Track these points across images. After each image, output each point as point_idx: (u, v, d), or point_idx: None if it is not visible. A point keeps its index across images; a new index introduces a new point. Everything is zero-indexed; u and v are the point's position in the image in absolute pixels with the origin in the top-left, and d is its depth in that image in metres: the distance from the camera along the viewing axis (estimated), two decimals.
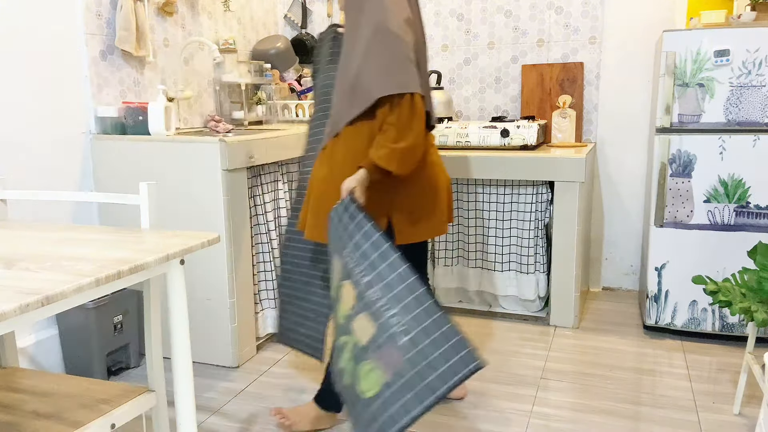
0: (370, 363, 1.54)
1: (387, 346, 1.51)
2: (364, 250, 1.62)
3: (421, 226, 1.96)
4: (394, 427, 1.46)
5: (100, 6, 2.58)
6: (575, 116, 3.31)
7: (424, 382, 1.46)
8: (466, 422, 2.14)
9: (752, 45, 2.51)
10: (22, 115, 2.32)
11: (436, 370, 1.45)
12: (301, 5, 3.81)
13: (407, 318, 1.50)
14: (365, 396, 1.55)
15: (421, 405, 1.44)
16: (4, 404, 1.46)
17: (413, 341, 1.48)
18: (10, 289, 1.09)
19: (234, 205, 2.47)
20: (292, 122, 3.47)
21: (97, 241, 1.45)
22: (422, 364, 1.46)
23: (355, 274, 1.64)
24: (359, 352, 1.58)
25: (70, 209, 2.53)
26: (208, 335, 2.57)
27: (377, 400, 1.51)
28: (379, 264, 1.58)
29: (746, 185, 2.60)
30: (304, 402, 2.28)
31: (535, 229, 2.98)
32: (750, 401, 2.25)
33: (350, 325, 1.62)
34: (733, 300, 2.00)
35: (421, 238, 1.96)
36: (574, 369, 2.52)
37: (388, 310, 1.53)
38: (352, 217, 1.69)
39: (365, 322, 1.58)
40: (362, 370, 1.56)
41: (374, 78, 1.79)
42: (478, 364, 1.44)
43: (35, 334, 2.41)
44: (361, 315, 1.59)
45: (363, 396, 1.55)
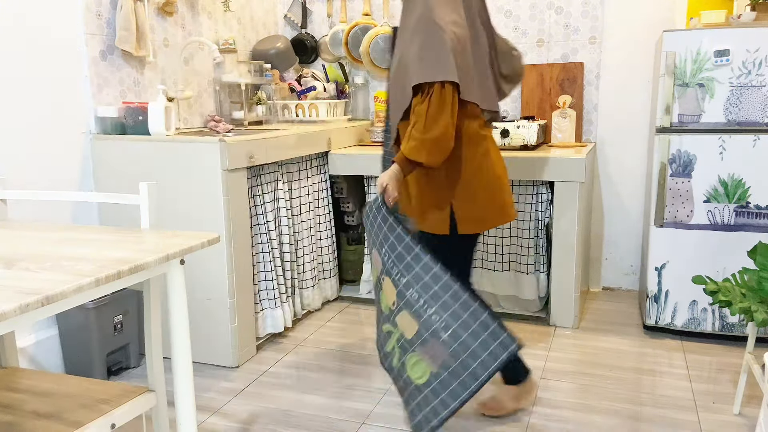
0: (417, 355, 1.72)
1: (431, 342, 1.69)
2: (399, 253, 1.78)
3: (483, 216, 1.98)
4: (446, 411, 1.68)
5: (100, 6, 2.58)
6: (575, 116, 3.31)
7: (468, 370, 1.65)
8: (466, 422, 2.14)
9: (752, 45, 2.51)
10: (22, 115, 2.32)
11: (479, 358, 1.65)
12: (301, 5, 3.81)
13: (446, 314, 1.68)
14: (416, 383, 1.73)
15: (467, 391, 1.67)
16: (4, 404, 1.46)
17: (454, 335, 1.66)
18: (10, 289, 1.09)
19: (234, 205, 2.47)
20: (292, 122, 3.47)
21: (97, 241, 1.45)
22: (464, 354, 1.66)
23: (394, 273, 1.80)
24: (405, 343, 1.75)
25: (70, 209, 2.53)
26: (208, 335, 2.57)
27: (427, 387, 1.71)
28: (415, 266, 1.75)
29: (746, 185, 2.60)
30: (304, 402, 2.29)
31: (535, 229, 2.98)
32: (750, 401, 2.25)
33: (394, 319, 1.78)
34: (733, 300, 2.00)
35: (483, 228, 1.99)
36: (574, 369, 2.52)
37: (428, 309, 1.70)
38: (385, 219, 1.83)
39: (408, 319, 1.75)
40: (410, 361, 1.74)
41: (411, 69, 1.84)
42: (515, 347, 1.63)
43: (35, 334, 2.41)
44: (404, 312, 1.76)
45: (413, 382, 1.74)
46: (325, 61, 3.82)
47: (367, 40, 3.53)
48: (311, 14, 3.84)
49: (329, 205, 3.23)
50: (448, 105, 1.82)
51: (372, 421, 2.16)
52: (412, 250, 1.77)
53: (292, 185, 2.92)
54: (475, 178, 1.96)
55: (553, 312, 2.95)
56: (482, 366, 1.67)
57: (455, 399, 1.68)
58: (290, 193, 2.91)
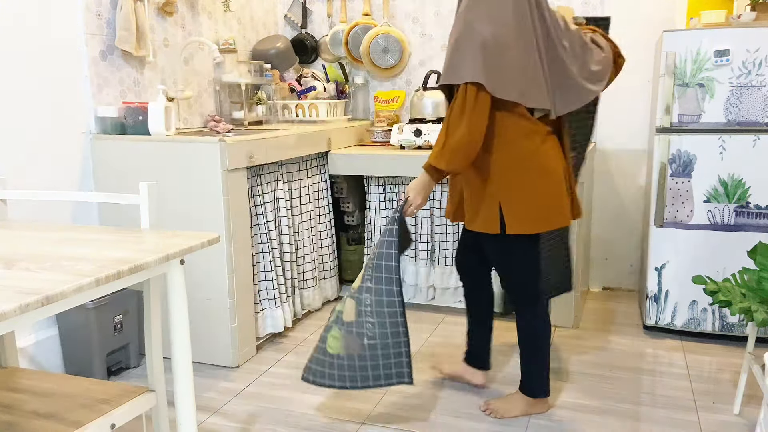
0: (340, 333, 2.02)
1: (355, 336, 1.99)
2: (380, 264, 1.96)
3: (533, 217, 1.93)
4: (326, 382, 2.04)
5: (100, 6, 2.58)
6: None
7: (363, 372, 2.00)
8: (467, 422, 2.14)
9: (752, 45, 2.51)
10: (22, 115, 2.32)
11: (376, 371, 2.00)
12: (301, 5, 3.81)
13: (377, 330, 1.97)
14: (327, 348, 2.05)
15: (352, 384, 2.02)
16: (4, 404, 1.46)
17: (372, 347, 1.98)
18: (10, 289, 1.09)
19: (234, 205, 2.47)
20: (292, 122, 3.47)
21: (97, 241, 1.45)
22: (368, 363, 1.99)
23: (366, 272, 2.00)
24: (340, 319, 2.03)
25: (70, 209, 2.53)
26: (208, 335, 2.57)
27: (331, 358, 2.03)
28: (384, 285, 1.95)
29: (746, 185, 2.60)
30: (304, 402, 2.29)
31: None
32: (750, 401, 2.25)
33: (346, 299, 2.04)
34: (733, 300, 2.00)
35: (533, 230, 1.94)
36: (574, 369, 2.52)
37: (368, 317, 1.97)
38: (391, 221, 1.97)
39: (352, 309, 2.01)
40: (333, 332, 2.04)
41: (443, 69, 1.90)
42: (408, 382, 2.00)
43: (35, 334, 2.41)
44: (353, 301, 2.01)
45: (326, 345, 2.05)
46: (325, 61, 3.82)
47: (367, 40, 3.53)
48: (311, 14, 3.84)
49: (329, 205, 3.23)
50: (469, 106, 1.82)
51: (372, 421, 2.16)
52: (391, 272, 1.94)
53: (292, 185, 2.92)
54: (522, 177, 1.92)
55: (553, 312, 2.95)
56: (375, 378, 2.01)
57: (341, 382, 2.02)
58: (290, 193, 2.91)
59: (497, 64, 1.83)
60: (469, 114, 1.82)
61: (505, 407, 2.17)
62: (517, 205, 1.92)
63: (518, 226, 1.93)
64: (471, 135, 1.83)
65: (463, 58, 1.83)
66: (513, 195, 1.92)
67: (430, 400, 2.29)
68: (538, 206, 1.93)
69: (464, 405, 2.26)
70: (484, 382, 2.35)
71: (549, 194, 1.94)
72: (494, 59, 1.82)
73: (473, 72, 1.80)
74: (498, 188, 1.93)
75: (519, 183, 1.92)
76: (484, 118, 1.83)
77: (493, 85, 1.83)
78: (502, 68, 1.84)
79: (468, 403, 2.26)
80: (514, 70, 1.86)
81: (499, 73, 1.83)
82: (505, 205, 1.93)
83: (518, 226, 1.93)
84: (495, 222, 1.95)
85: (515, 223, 1.93)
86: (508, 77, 1.85)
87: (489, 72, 1.81)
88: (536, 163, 1.92)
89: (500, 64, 1.83)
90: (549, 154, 1.95)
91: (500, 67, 1.83)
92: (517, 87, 1.87)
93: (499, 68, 1.83)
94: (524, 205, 1.92)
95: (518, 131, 1.92)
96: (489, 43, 1.82)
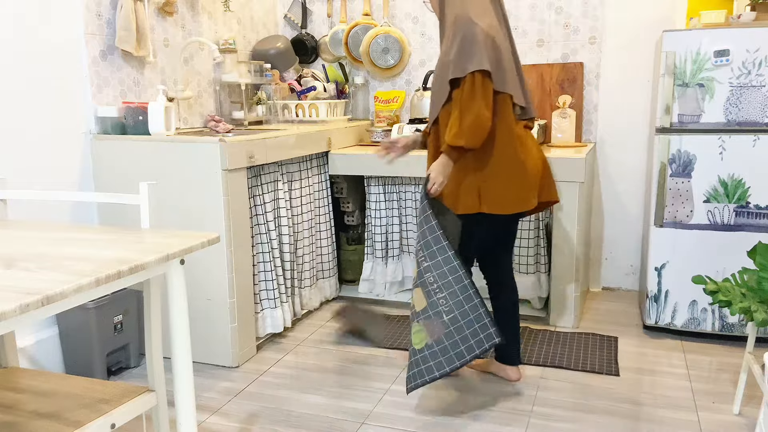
0: (420, 325, 2.10)
1: (434, 319, 2.07)
2: (428, 240, 2.09)
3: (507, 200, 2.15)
4: (429, 377, 2.08)
5: (100, 6, 2.58)
6: (575, 116, 3.31)
7: (456, 350, 2.05)
8: (467, 422, 2.14)
9: (752, 45, 2.51)
10: (22, 115, 2.32)
11: (467, 342, 2.05)
12: (301, 5, 3.81)
13: (451, 302, 2.05)
14: (414, 346, 2.11)
15: (452, 365, 2.06)
16: (4, 404, 1.46)
17: (453, 320, 2.05)
18: (10, 289, 1.09)
19: (234, 205, 2.47)
20: (292, 122, 3.47)
21: (97, 241, 1.45)
22: (456, 337, 2.05)
23: (419, 256, 2.11)
24: (414, 313, 2.12)
25: (70, 209, 2.53)
26: (208, 335, 2.57)
27: (421, 353, 2.09)
28: (438, 256, 2.07)
29: (746, 185, 2.60)
30: (304, 402, 2.29)
31: (535, 229, 2.98)
32: (750, 401, 2.25)
33: (412, 293, 2.14)
34: (733, 300, 2.00)
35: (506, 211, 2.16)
36: (574, 369, 2.52)
37: (439, 293, 2.07)
38: (424, 209, 2.11)
39: (420, 295, 2.11)
40: (414, 328, 2.12)
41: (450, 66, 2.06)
42: (495, 342, 2.05)
43: (35, 334, 2.41)
44: (419, 288, 2.11)
45: (413, 345, 2.11)
46: (325, 61, 3.82)
47: (367, 40, 3.53)
48: (311, 14, 3.84)
49: (329, 205, 3.23)
50: (479, 91, 2.02)
51: (372, 421, 2.16)
52: (440, 242, 2.07)
53: (292, 185, 2.92)
54: (501, 164, 2.13)
55: (553, 312, 2.95)
56: (468, 349, 2.05)
57: (440, 369, 2.07)
58: (290, 193, 2.91)
59: (495, 58, 2.05)
60: (479, 96, 2.02)
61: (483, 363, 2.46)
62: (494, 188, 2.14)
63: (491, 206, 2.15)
64: (482, 113, 2.02)
65: (469, 51, 2.03)
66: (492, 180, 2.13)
67: (431, 400, 2.29)
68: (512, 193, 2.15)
69: (464, 405, 2.26)
70: (517, 377, 2.42)
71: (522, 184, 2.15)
72: (492, 53, 2.04)
73: (479, 62, 2.00)
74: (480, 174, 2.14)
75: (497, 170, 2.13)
76: (491, 102, 2.04)
77: (495, 77, 2.05)
78: (498, 63, 2.06)
79: (468, 403, 2.27)
80: (504, 66, 2.09)
81: (496, 66, 2.06)
82: (483, 190, 2.14)
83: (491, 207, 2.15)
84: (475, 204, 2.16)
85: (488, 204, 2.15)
86: (503, 72, 2.08)
87: (491, 64, 2.03)
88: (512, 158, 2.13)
89: (496, 59, 2.06)
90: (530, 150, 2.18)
91: (497, 62, 2.06)
92: (508, 82, 2.10)
93: (496, 62, 2.06)
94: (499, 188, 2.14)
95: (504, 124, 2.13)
96: (488, 40, 2.04)
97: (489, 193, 2.14)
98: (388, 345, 2.75)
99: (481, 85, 2.01)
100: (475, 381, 2.43)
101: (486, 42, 2.02)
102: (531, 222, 2.97)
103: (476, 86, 2.01)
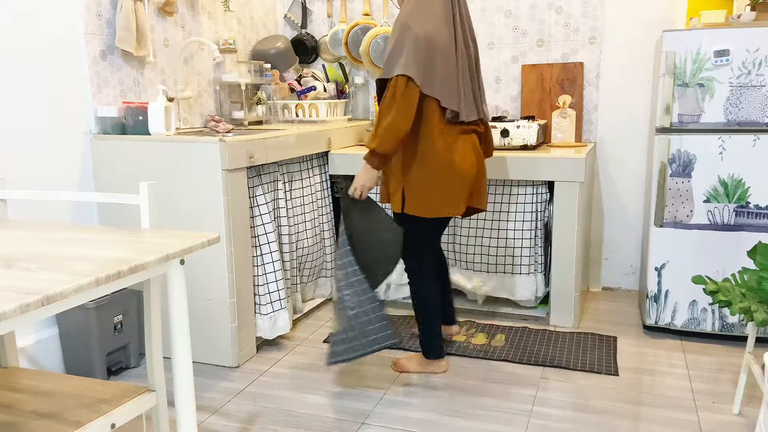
0: (335, 313, 2.33)
1: (341, 311, 2.28)
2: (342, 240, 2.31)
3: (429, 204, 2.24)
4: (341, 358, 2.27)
5: (100, 6, 2.58)
6: (575, 116, 3.31)
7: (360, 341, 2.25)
8: (467, 422, 2.14)
9: (752, 45, 2.51)
10: (22, 115, 2.32)
11: (367, 338, 2.25)
12: (301, 5, 3.81)
13: (356, 299, 2.26)
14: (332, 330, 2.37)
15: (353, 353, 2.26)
16: (4, 404, 1.46)
17: (356, 316, 2.25)
18: (10, 289, 1.09)
19: (234, 205, 2.47)
20: (291, 122, 3.47)
21: (97, 241, 1.45)
22: (360, 330, 2.25)
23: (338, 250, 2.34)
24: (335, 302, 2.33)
25: (70, 209, 2.53)
26: (208, 335, 2.57)
27: (335, 337, 2.29)
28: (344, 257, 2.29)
29: (746, 185, 2.60)
30: (304, 402, 2.29)
31: (534, 229, 2.98)
32: (750, 401, 2.25)
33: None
34: (733, 300, 2.00)
35: (429, 214, 2.25)
36: (574, 369, 2.52)
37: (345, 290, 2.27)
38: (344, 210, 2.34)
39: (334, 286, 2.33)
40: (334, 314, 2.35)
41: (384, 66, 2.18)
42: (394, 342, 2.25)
43: (35, 334, 2.42)
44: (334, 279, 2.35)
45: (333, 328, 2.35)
46: (325, 61, 3.82)
47: (367, 40, 3.53)
48: (311, 14, 3.84)
49: (329, 205, 3.23)
50: (398, 95, 2.10)
51: (372, 421, 2.16)
52: (345, 246, 2.30)
53: (292, 185, 2.92)
54: (425, 168, 2.21)
55: (553, 312, 2.95)
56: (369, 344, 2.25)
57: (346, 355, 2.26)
58: (290, 193, 2.91)
59: (426, 62, 2.12)
60: (398, 101, 2.09)
61: (406, 363, 2.51)
62: (416, 192, 2.23)
63: (413, 208, 2.25)
64: (399, 119, 2.10)
65: (398, 55, 2.11)
66: (414, 183, 2.23)
67: (430, 400, 2.29)
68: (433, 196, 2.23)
69: (464, 405, 2.26)
70: (455, 332, 2.78)
71: (449, 190, 2.23)
72: (424, 58, 2.11)
73: (405, 67, 2.08)
74: (405, 176, 2.25)
75: (420, 174, 2.22)
76: (412, 106, 2.11)
77: (422, 80, 2.12)
78: (429, 67, 2.13)
79: (468, 403, 2.27)
80: (438, 70, 2.15)
81: (426, 71, 2.12)
82: (407, 192, 2.25)
83: (413, 209, 2.25)
84: (399, 204, 2.29)
85: (411, 206, 2.25)
86: (433, 77, 2.14)
87: (419, 68, 2.10)
88: (440, 160, 2.20)
89: (428, 64, 2.12)
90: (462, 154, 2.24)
91: (428, 66, 2.12)
92: (440, 88, 2.16)
93: (427, 67, 2.12)
94: (422, 193, 2.23)
95: (431, 128, 2.20)
96: (421, 44, 2.10)
97: (412, 195, 2.24)
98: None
99: (403, 89, 2.08)
100: (475, 381, 2.43)
101: (416, 46, 2.08)
102: (530, 222, 2.97)
103: (397, 90, 2.09)
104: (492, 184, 3.02)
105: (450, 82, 2.18)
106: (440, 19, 2.17)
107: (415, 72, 2.08)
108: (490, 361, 2.60)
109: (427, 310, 2.43)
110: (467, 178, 2.26)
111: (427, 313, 2.43)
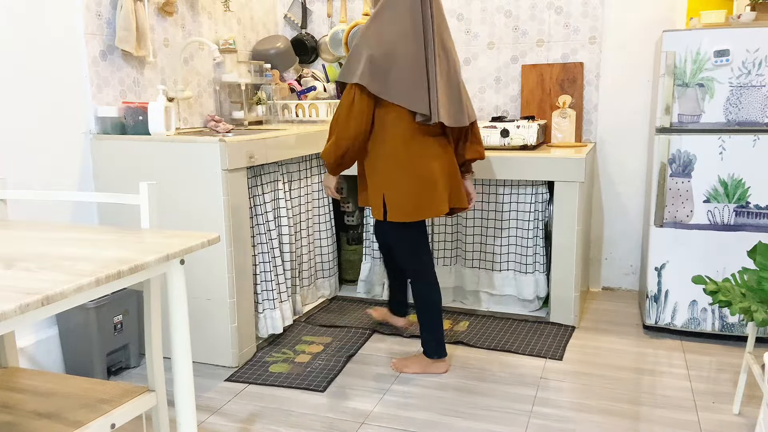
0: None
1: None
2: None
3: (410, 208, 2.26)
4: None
5: (100, 6, 2.58)
6: (575, 116, 3.31)
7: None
8: (467, 422, 2.14)
9: (752, 45, 2.51)
10: (22, 115, 2.32)
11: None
12: (301, 5, 3.81)
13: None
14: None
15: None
16: (4, 404, 1.46)
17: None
18: (10, 289, 1.09)
19: (234, 205, 2.47)
20: (291, 122, 3.47)
21: (97, 241, 1.45)
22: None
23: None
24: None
25: (70, 209, 2.53)
26: (208, 335, 2.57)
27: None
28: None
29: (746, 185, 2.60)
30: (304, 402, 2.29)
31: (534, 228, 2.98)
32: (750, 401, 2.25)
33: None
34: (733, 300, 2.00)
35: (410, 218, 2.27)
36: (574, 369, 2.52)
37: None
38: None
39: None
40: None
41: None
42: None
43: (35, 334, 2.41)
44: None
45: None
46: (325, 61, 3.82)
47: None
48: (311, 14, 3.84)
49: (329, 205, 3.23)
50: (347, 103, 2.16)
51: (372, 421, 2.16)
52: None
53: (292, 185, 2.92)
54: (400, 172, 2.24)
55: (553, 312, 2.95)
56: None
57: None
58: (290, 193, 2.91)
59: (384, 69, 2.13)
60: (355, 114, 2.16)
61: (405, 363, 2.51)
62: (396, 197, 2.26)
63: (395, 215, 2.27)
64: (353, 132, 2.17)
65: (356, 61, 2.14)
66: (393, 189, 2.25)
67: (430, 400, 2.29)
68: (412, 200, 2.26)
69: (464, 405, 2.26)
70: (404, 325, 2.85)
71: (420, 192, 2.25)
72: (382, 64, 2.12)
73: (360, 75, 2.11)
74: (383, 182, 2.27)
75: (398, 179, 2.24)
76: (365, 117, 2.17)
77: (378, 88, 2.13)
78: (388, 73, 2.14)
79: (468, 404, 2.27)
80: (400, 75, 2.15)
81: (384, 77, 2.13)
82: (388, 198, 2.27)
83: (395, 215, 2.27)
84: (380, 210, 2.30)
85: (393, 212, 2.27)
86: (392, 82, 2.15)
87: (374, 75, 2.12)
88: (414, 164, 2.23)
89: (387, 69, 2.13)
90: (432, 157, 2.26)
91: (386, 72, 2.14)
92: (399, 91, 2.16)
93: (385, 72, 2.13)
94: (401, 197, 2.26)
95: (398, 132, 2.22)
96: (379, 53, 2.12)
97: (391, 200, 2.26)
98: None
99: (352, 97, 2.15)
100: (475, 381, 2.43)
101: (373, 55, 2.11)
102: (530, 222, 2.97)
103: (348, 98, 2.16)
104: (492, 184, 3.03)
105: (416, 87, 2.17)
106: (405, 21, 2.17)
107: (368, 80, 2.11)
108: (490, 361, 2.60)
109: (429, 310, 2.43)
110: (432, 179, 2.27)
111: (429, 314, 2.43)
